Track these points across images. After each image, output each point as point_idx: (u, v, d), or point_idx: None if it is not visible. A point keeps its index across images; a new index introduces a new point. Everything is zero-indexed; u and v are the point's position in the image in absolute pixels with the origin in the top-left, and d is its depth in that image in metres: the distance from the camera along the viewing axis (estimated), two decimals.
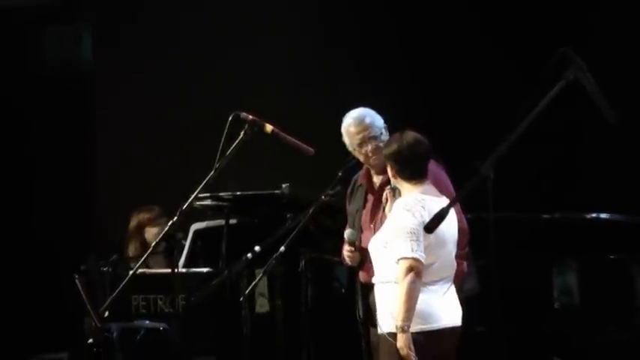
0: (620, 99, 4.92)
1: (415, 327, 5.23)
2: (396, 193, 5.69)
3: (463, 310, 5.63)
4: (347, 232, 6.01)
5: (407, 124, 5.92)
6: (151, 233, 7.94)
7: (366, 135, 5.92)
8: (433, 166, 5.75)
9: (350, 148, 6.00)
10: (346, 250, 5.99)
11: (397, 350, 5.34)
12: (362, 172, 6.07)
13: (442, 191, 5.65)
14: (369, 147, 5.89)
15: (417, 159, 5.43)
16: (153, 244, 6.46)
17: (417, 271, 5.21)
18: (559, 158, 8.54)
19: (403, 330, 5.19)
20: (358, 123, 5.99)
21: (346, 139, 6.01)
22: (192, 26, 9.48)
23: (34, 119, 10.11)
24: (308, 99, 9.39)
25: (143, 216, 8.12)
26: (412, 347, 5.22)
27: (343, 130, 6.05)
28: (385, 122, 6.10)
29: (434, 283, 5.31)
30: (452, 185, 5.87)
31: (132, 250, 8.05)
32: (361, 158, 5.97)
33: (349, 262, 6.08)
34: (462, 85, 9.23)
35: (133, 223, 8.15)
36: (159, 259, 7.69)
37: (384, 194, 5.75)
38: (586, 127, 6.47)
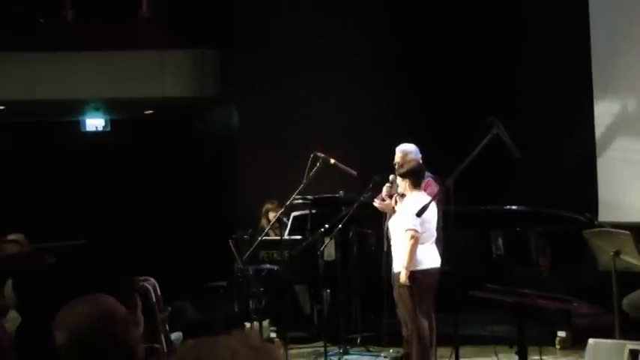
0: (520, 142, 5.52)
1: (416, 267, 5.72)
2: (400, 197, 5.97)
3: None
4: (392, 176, 6.01)
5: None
6: (271, 216, 8.03)
7: (402, 159, 6.14)
8: (429, 179, 6.07)
9: (395, 162, 6.14)
10: (386, 186, 6.04)
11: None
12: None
13: (429, 193, 5.86)
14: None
15: (421, 175, 5.89)
16: (271, 222, 7.44)
17: (416, 237, 5.66)
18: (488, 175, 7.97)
19: (406, 269, 5.70)
20: (401, 151, 6.18)
21: (396, 157, 6.18)
22: (300, 100, 9.16)
23: (201, 167, 10.40)
24: (354, 135, 9.19)
25: (267, 205, 8.30)
26: (408, 280, 5.65)
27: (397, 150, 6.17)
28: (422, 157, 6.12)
29: (424, 242, 5.78)
30: (435, 189, 5.95)
31: (263, 223, 8.23)
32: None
33: (384, 196, 5.95)
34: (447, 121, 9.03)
35: (263, 208, 8.34)
36: (275, 231, 7.77)
37: (394, 198, 6.11)
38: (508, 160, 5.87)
